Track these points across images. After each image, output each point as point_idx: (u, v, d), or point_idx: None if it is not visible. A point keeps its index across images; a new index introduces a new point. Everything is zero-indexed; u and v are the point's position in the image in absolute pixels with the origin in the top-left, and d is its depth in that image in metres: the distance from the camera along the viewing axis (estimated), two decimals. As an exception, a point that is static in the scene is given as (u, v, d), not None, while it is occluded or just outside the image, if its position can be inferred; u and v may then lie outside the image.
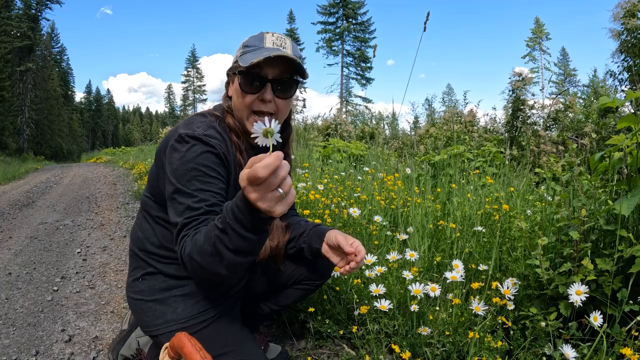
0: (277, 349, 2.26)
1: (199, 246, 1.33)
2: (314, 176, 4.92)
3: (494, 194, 3.56)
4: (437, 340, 1.96)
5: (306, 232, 1.90)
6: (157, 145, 11.12)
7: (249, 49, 1.65)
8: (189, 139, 1.54)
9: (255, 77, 1.61)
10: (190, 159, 1.52)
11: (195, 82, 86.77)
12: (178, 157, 1.54)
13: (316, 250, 1.84)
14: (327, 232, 1.82)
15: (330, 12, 56.45)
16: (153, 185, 1.75)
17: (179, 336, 0.99)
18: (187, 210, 1.47)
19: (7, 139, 38.68)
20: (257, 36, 1.68)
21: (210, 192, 1.50)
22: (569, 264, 1.96)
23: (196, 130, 1.57)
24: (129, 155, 22.60)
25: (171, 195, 1.53)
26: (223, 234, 1.26)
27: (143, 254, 1.81)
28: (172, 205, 1.53)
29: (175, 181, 1.52)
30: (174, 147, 1.56)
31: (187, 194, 1.48)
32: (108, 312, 2.99)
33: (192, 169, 1.51)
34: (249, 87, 1.63)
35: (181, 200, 1.49)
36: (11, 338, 2.61)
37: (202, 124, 1.64)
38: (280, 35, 1.68)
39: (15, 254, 4.46)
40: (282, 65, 1.62)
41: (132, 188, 9.50)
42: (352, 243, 1.72)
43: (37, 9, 45.80)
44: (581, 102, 12.20)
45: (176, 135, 1.57)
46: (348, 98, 57.32)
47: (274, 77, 1.62)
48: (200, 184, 1.50)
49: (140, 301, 1.78)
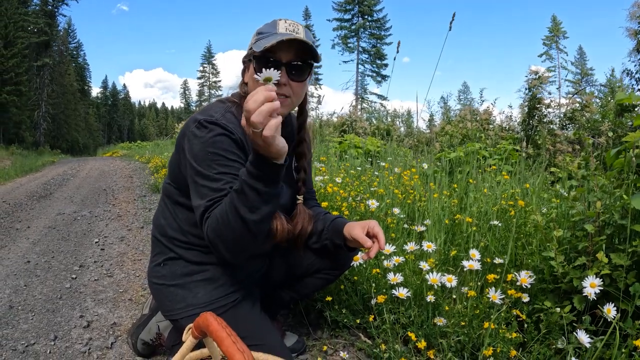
0: (294, 337, 2.29)
1: (223, 219, 1.42)
2: (330, 170, 4.94)
3: (509, 190, 3.56)
4: (453, 331, 1.98)
5: (326, 228, 1.93)
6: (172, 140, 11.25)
7: (262, 35, 1.67)
8: (208, 124, 1.58)
9: (269, 61, 1.63)
10: (210, 144, 1.56)
11: (210, 77, 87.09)
12: (198, 142, 1.58)
13: (338, 245, 1.89)
14: (343, 230, 1.85)
15: (346, 9, 56.32)
16: (174, 171, 1.79)
17: (205, 315, 1.01)
18: (209, 192, 1.52)
19: (24, 132, 39.12)
20: (270, 23, 1.70)
21: (231, 175, 1.54)
22: (583, 258, 1.96)
23: (214, 116, 1.61)
24: (145, 149, 22.69)
25: (193, 179, 1.58)
26: (240, 195, 1.38)
27: (165, 240, 1.85)
28: (195, 189, 1.58)
29: (196, 165, 1.57)
30: (193, 132, 1.61)
31: (209, 177, 1.54)
32: (126, 300, 3.03)
33: (212, 153, 1.56)
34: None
35: (203, 183, 1.54)
36: (30, 323, 2.65)
37: (220, 110, 1.67)
38: (292, 22, 1.70)
39: (34, 243, 4.53)
40: (295, 48, 1.63)
41: (149, 181, 9.57)
42: (370, 231, 1.77)
43: (53, 5, 46.25)
44: (598, 102, 12.09)
45: (195, 122, 1.61)
46: (363, 95, 57.15)
47: (287, 60, 1.64)
48: (220, 167, 1.55)
49: (161, 286, 1.81)
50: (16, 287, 3.22)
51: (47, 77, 45.15)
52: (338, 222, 1.91)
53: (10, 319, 2.69)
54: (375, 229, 1.77)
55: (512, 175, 4.48)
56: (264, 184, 1.38)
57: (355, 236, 1.77)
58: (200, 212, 1.52)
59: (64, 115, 49.21)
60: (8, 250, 4.27)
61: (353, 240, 1.80)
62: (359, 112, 17.78)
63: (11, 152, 26.51)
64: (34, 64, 43.03)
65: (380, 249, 1.74)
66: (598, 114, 9.98)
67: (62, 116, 48.90)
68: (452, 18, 2.93)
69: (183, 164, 1.67)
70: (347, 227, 1.84)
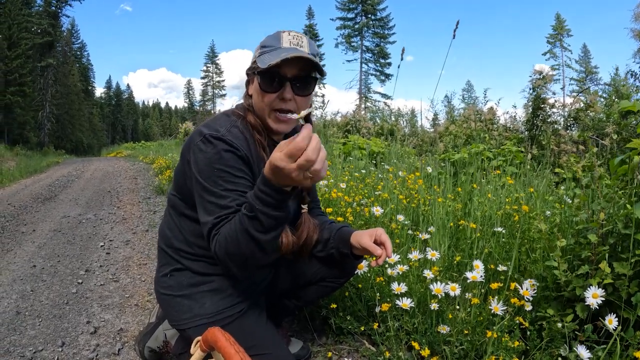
0: (299, 344, 2.31)
1: (233, 240, 1.44)
2: (335, 173, 4.95)
3: (513, 194, 3.56)
4: (456, 339, 1.99)
5: (332, 237, 1.94)
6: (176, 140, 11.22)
7: (266, 49, 1.68)
8: (213, 140, 1.59)
9: (274, 76, 1.64)
10: (216, 160, 1.57)
11: (214, 77, 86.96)
12: (203, 157, 1.59)
13: (345, 254, 1.90)
14: (350, 238, 1.86)
15: (349, 8, 56.06)
16: (180, 183, 1.80)
17: (212, 331, 1.03)
18: (217, 209, 1.54)
19: (29, 133, 39.17)
20: (274, 36, 1.71)
21: (237, 192, 1.55)
22: (586, 267, 1.97)
23: (220, 130, 1.62)
24: (149, 149, 22.74)
25: (200, 194, 1.60)
26: (254, 221, 1.40)
27: (171, 251, 1.86)
28: (202, 204, 1.60)
29: (202, 180, 1.58)
30: (199, 147, 1.61)
31: (216, 193, 1.55)
32: (132, 305, 3.05)
33: (219, 169, 1.57)
34: (269, 87, 1.66)
35: (210, 200, 1.56)
36: (37, 329, 2.67)
37: (226, 124, 1.68)
38: (296, 34, 1.70)
39: (39, 247, 4.56)
40: (300, 63, 1.64)
41: (153, 183, 9.61)
42: (377, 239, 1.79)
43: (57, 6, 46.20)
44: (602, 101, 12.02)
45: (201, 135, 1.62)
46: (367, 94, 56.98)
47: (292, 75, 1.64)
48: (227, 184, 1.56)
49: (168, 296, 1.83)
50: (23, 292, 3.25)
51: (51, 78, 45.19)
52: (344, 231, 1.92)
53: (18, 324, 2.72)
54: (382, 237, 1.78)
55: (517, 178, 4.48)
56: (278, 210, 1.41)
57: (365, 245, 1.78)
58: (208, 228, 1.54)
59: (68, 116, 49.23)
60: (14, 254, 4.30)
61: (361, 249, 1.82)
62: (362, 112, 17.75)
63: (15, 153, 26.54)
64: (37, 65, 43.04)
65: (387, 257, 1.76)
66: (602, 114, 9.94)
67: (66, 116, 48.91)
68: (455, 26, 2.91)
69: (189, 176, 1.68)
70: (354, 236, 1.85)
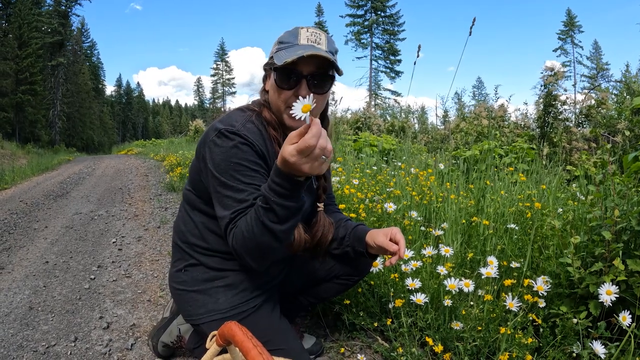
0: (312, 340, 2.32)
1: (250, 232, 1.46)
2: (347, 170, 4.95)
3: (525, 191, 3.54)
4: (469, 335, 1.98)
5: (347, 235, 1.94)
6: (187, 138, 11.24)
7: (283, 45, 1.67)
8: (229, 134, 1.59)
9: (290, 73, 1.63)
10: (232, 154, 1.58)
11: (224, 75, 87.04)
12: (219, 151, 1.59)
13: (360, 252, 1.91)
14: (366, 237, 1.87)
15: (359, 5, 55.88)
16: (195, 179, 1.80)
17: (229, 325, 1.03)
18: (234, 203, 1.54)
19: (40, 131, 39.50)
20: (292, 32, 1.70)
21: (254, 185, 1.56)
22: (600, 264, 1.96)
23: (235, 125, 1.62)
24: (160, 147, 22.73)
25: (216, 189, 1.60)
26: (269, 212, 1.41)
27: (185, 246, 1.87)
28: (218, 199, 1.60)
29: (219, 175, 1.58)
30: (214, 142, 1.61)
31: (233, 187, 1.55)
32: (145, 301, 3.07)
33: (235, 164, 1.57)
34: (285, 84, 1.65)
35: (227, 194, 1.56)
36: (50, 324, 2.69)
37: (241, 119, 1.67)
38: (315, 30, 1.69)
39: (52, 243, 4.59)
40: (317, 61, 1.62)
41: (164, 180, 9.60)
42: (393, 238, 1.79)
43: (67, 5, 46.53)
44: (613, 98, 11.92)
45: (216, 131, 1.62)
46: (377, 91, 56.85)
47: (309, 73, 1.63)
48: (243, 177, 1.56)
49: (182, 291, 1.84)
50: (35, 288, 3.27)
51: (62, 77, 45.54)
52: (360, 230, 1.92)
53: (31, 320, 2.74)
54: (397, 236, 1.78)
55: (529, 175, 4.45)
56: (292, 200, 1.42)
57: (380, 243, 1.79)
58: (225, 223, 1.55)
59: (78, 114, 49.56)
60: (27, 250, 4.33)
61: (376, 248, 1.82)
62: (372, 109, 17.72)
63: (27, 151, 26.77)
64: (48, 64, 43.35)
65: (400, 257, 1.76)
66: (614, 111, 9.87)
67: (77, 115, 49.25)
68: (472, 23, 2.92)
69: (204, 172, 1.68)
70: (369, 235, 1.86)
